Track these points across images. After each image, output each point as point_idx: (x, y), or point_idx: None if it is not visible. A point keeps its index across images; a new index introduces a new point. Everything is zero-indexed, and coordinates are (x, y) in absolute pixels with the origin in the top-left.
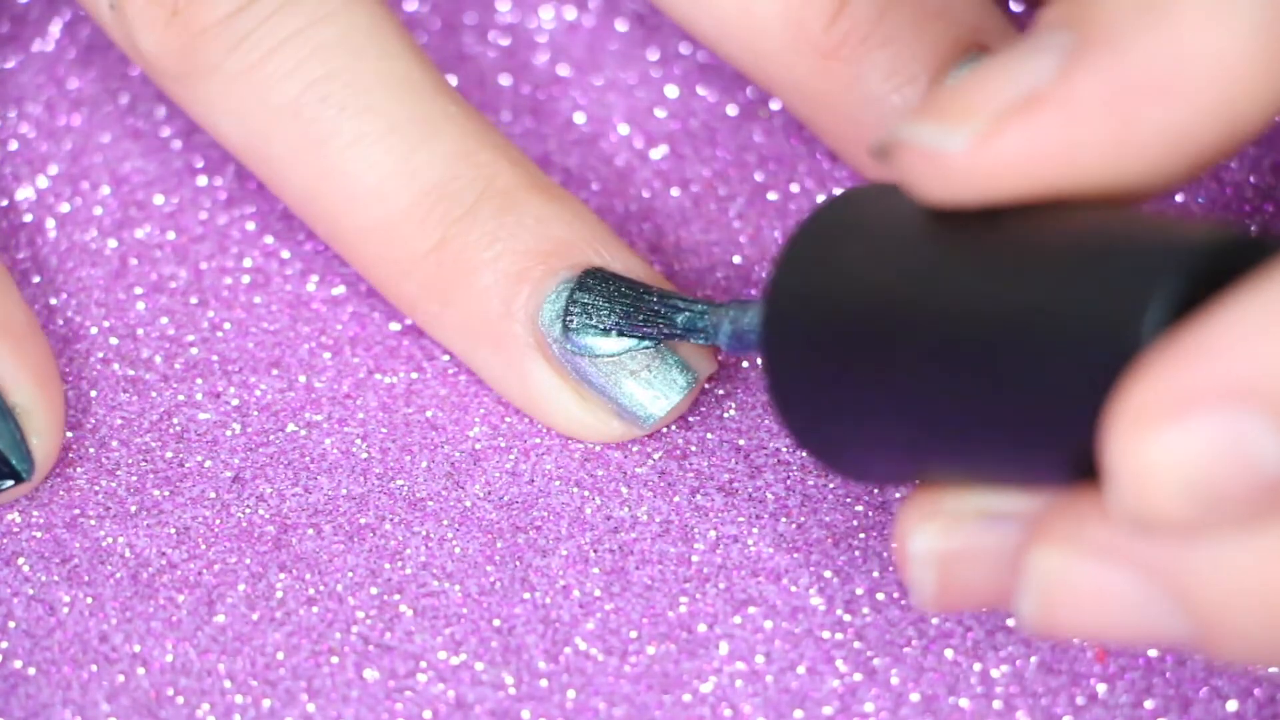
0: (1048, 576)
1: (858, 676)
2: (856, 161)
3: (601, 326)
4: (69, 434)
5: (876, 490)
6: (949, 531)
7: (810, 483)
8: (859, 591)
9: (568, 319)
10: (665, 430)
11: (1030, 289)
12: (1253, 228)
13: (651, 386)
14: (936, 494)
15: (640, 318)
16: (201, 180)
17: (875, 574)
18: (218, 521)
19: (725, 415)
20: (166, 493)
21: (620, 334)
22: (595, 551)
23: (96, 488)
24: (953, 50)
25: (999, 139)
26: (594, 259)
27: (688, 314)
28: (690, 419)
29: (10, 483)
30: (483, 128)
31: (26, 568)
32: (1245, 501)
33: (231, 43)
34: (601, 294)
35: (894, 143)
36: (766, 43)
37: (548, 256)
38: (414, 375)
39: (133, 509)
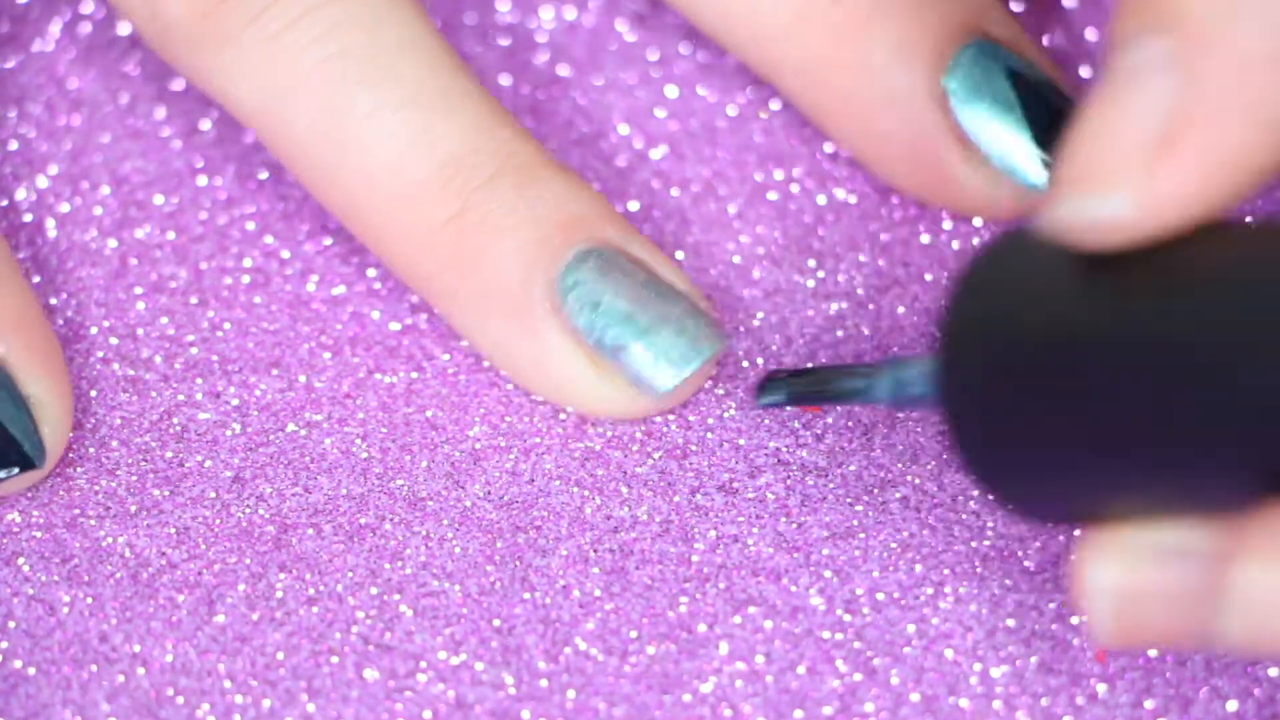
0: (1254, 591)
1: (858, 676)
2: (858, 145)
3: (779, 399)
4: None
5: (876, 490)
6: (1130, 567)
7: (810, 483)
8: (859, 591)
9: (761, 399)
10: (665, 430)
11: (1213, 310)
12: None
13: (667, 357)
14: (1116, 531)
15: (807, 387)
16: (201, 180)
17: (875, 574)
18: (218, 521)
19: (725, 415)
20: (166, 493)
21: (791, 403)
22: (595, 551)
23: (96, 488)
24: (956, 30)
25: (1160, 183)
26: (611, 236)
27: (849, 377)
28: (690, 419)
29: (18, 470)
30: (498, 106)
31: (26, 568)
32: None
33: (251, 14)
34: (775, 382)
35: (1058, 225)
36: (772, 22)
37: (567, 228)
38: (414, 375)
39: (133, 509)
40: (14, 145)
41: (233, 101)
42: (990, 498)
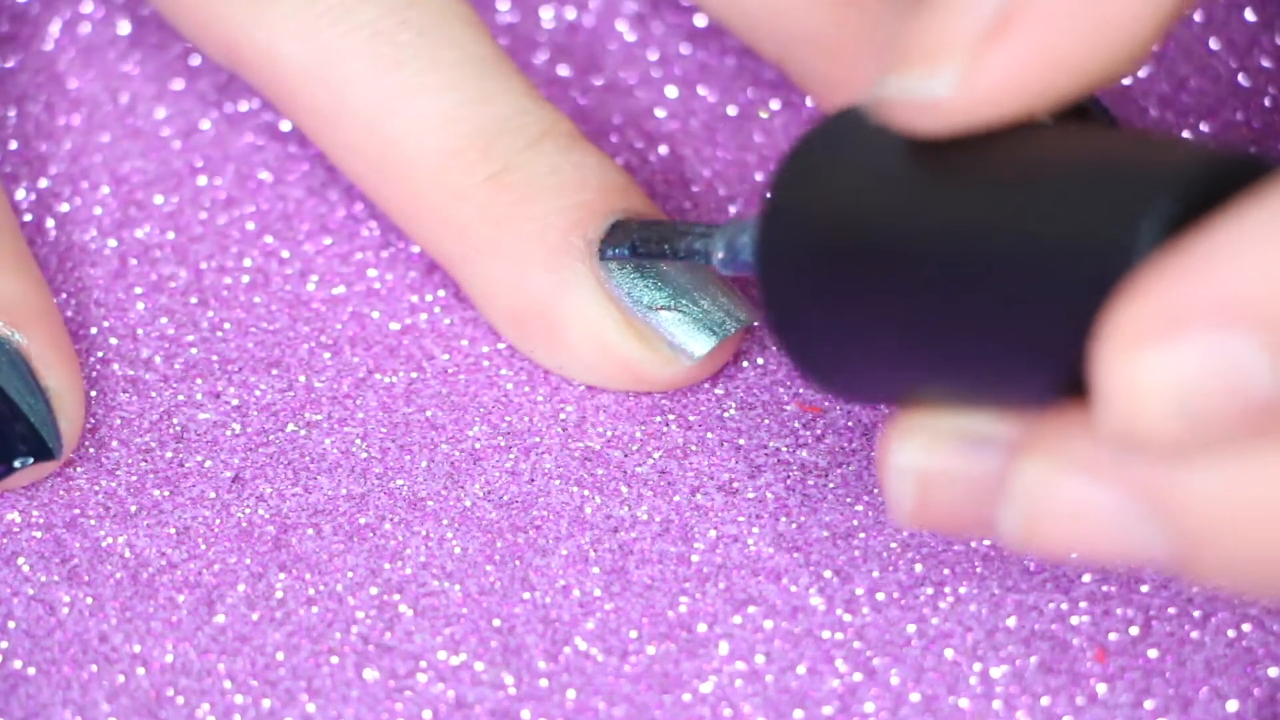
0: (1033, 489)
1: (858, 676)
2: None
3: (623, 252)
4: None
5: (876, 490)
6: (931, 450)
7: (810, 483)
8: (859, 591)
9: (605, 250)
10: (665, 430)
11: (1023, 208)
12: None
13: (702, 323)
14: (923, 414)
15: (653, 243)
16: (201, 180)
17: (875, 574)
18: (218, 521)
19: (725, 415)
20: (166, 493)
21: (634, 254)
22: (595, 551)
23: (96, 488)
24: None
25: (983, 70)
26: (647, 210)
27: (689, 236)
28: (690, 419)
29: (33, 459)
30: (535, 87)
31: (26, 568)
32: (1234, 422)
33: None
34: (624, 229)
35: (880, 100)
36: None
37: (609, 192)
38: (414, 375)
39: (133, 509)
40: (14, 145)
41: (277, 59)
42: (800, 373)
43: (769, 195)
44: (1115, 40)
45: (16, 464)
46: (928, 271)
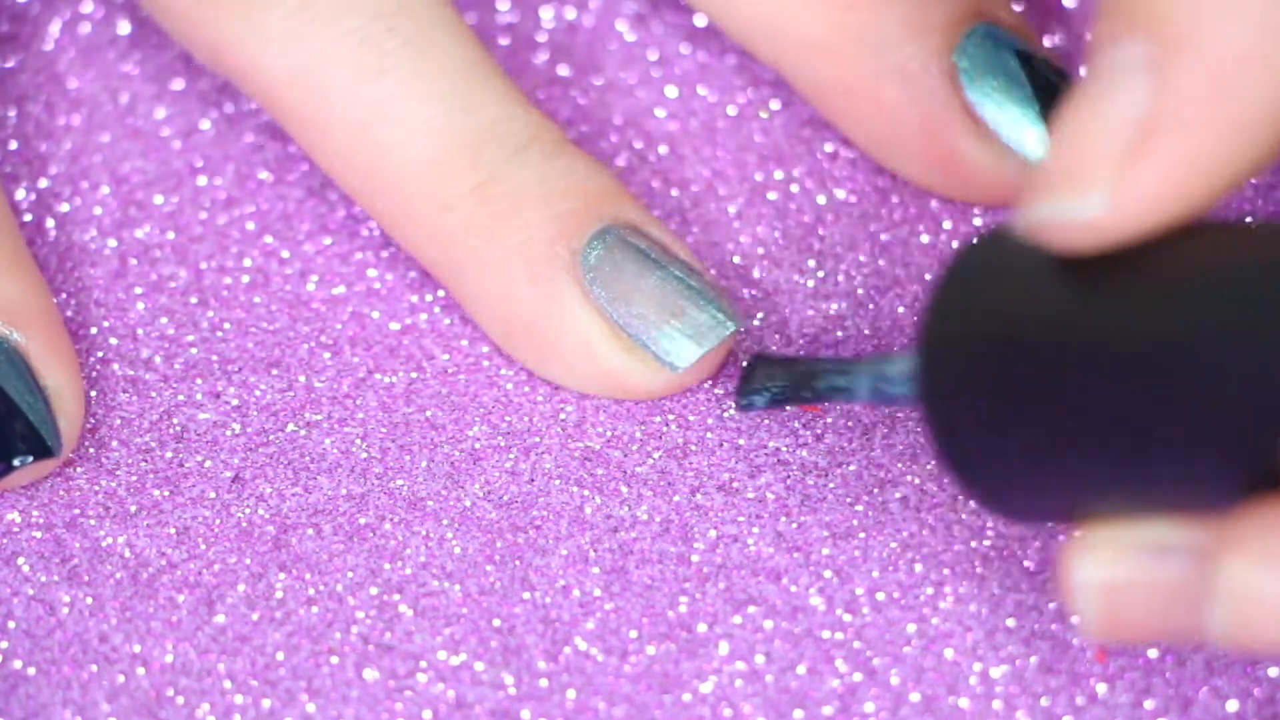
0: (1240, 588)
1: (858, 676)
2: (865, 124)
3: (762, 401)
4: None
5: (876, 490)
6: (1116, 562)
7: (810, 483)
8: (859, 591)
9: (743, 400)
10: (665, 430)
11: (1196, 305)
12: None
13: (686, 330)
14: (1103, 528)
15: (791, 386)
16: (201, 180)
17: (875, 574)
18: (218, 521)
19: (725, 415)
20: (166, 493)
21: (774, 404)
22: (595, 551)
23: (96, 488)
24: (965, 11)
25: (1132, 187)
26: (635, 215)
27: (829, 374)
28: (690, 418)
29: (33, 458)
30: (522, 92)
31: (26, 568)
32: None
33: None
34: (755, 371)
35: (1034, 225)
36: (782, 1)
37: (593, 201)
38: (414, 375)
39: (133, 509)
40: (14, 145)
41: (262, 68)
42: (971, 498)
43: (926, 320)
44: (1254, 138)
45: (16, 462)
46: (1104, 378)
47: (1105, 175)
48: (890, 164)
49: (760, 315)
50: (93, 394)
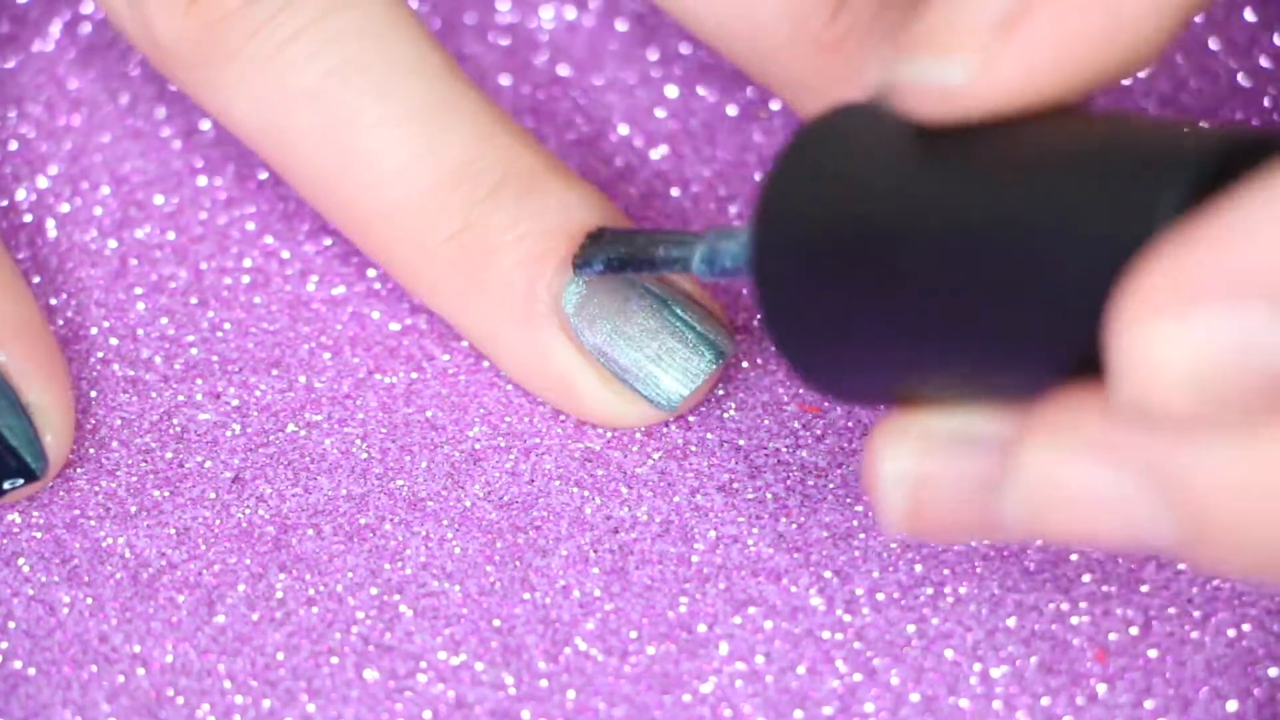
0: (1038, 473)
1: (858, 676)
2: None
3: (597, 267)
4: None
5: None
6: (923, 454)
7: (810, 483)
8: (859, 591)
9: (578, 263)
10: (665, 430)
11: (1036, 191)
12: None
13: (673, 370)
14: (911, 416)
15: (628, 254)
16: (201, 180)
17: (875, 574)
18: (218, 522)
19: (725, 415)
20: (166, 493)
21: (609, 269)
22: (595, 551)
23: (96, 488)
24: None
25: (999, 58)
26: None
27: (664, 244)
28: (690, 419)
29: (22, 480)
30: (498, 114)
31: (26, 568)
32: (1249, 397)
33: (251, 29)
34: (598, 241)
35: (893, 84)
36: (767, 40)
37: (571, 238)
38: (414, 375)
39: (133, 509)
40: (14, 145)
41: (233, 119)
42: (796, 375)
43: (763, 193)
44: (1128, 35)
45: (6, 485)
46: (936, 258)
47: (974, 43)
48: None
49: (760, 315)
50: (93, 394)
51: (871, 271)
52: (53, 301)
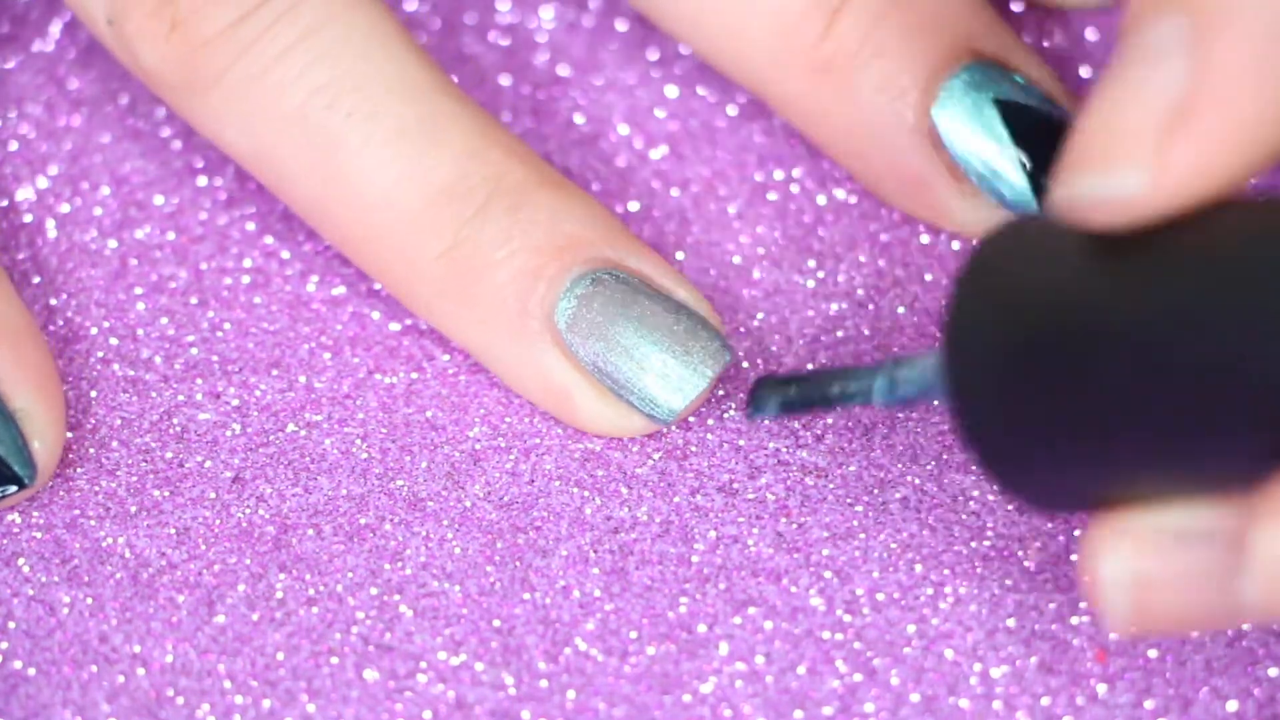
0: (1272, 557)
1: (858, 676)
2: (855, 169)
3: (772, 412)
4: (69, 434)
5: (876, 490)
6: (1142, 553)
7: (810, 483)
8: (859, 591)
9: (751, 413)
10: (665, 430)
11: (1230, 277)
12: None
13: (668, 384)
14: (1124, 517)
15: (803, 395)
16: (201, 180)
17: (875, 574)
18: (218, 522)
19: (725, 415)
20: (166, 493)
21: (785, 412)
22: (595, 552)
23: (96, 488)
24: (945, 59)
25: (1171, 162)
26: (608, 254)
27: (842, 381)
28: (690, 419)
29: (13, 488)
30: (489, 126)
31: (26, 568)
32: None
33: (234, 54)
34: (768, 387)
35: (1068, 202)
36: (758, 58)
37: (561, 252)
38: (414, 375)
39: (133, 509)
40: (14, 145)
41: (224, 142)
42: (998, 488)
43: (951, 313)
44: None
45: None
46: (1129, 362)
47: (1145, 152)
48: (882, 200)
49: (760, 315)
50: (93, 394)
51: (1070, 377)
52: (53, 301)
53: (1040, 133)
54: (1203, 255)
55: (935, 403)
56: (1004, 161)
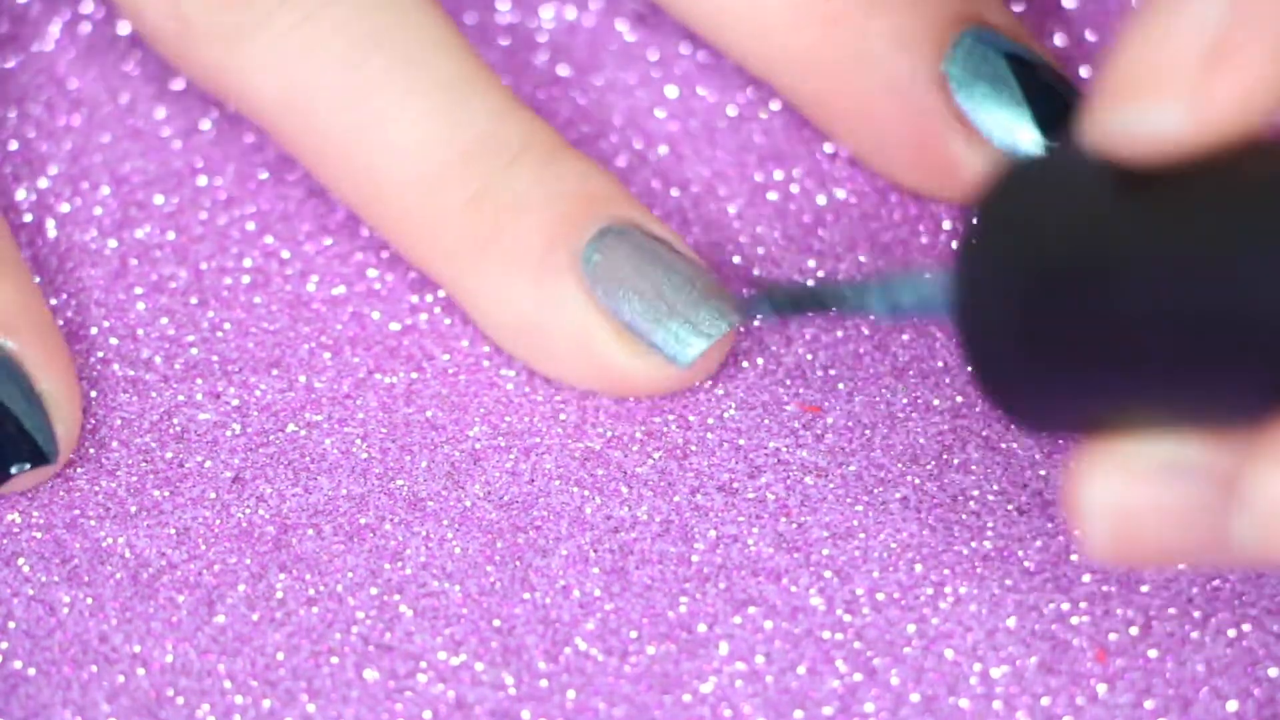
0: (1271, 501)
1: (858, 676)
2: (857, 136)
3: (766, 309)
4: None
5: (876, 490)
6: (1130, 483)
7: (810, 483)
8: (859, 591)
9: (751, 309)
10: (665, 430)
11: (1256, 215)
12: None
13: (691, 328)
14: (1115, 445)
15: (799, 299)
16: (201, 180)
17: (875, 574)
18: (218, 522)
19: (725, 415)
20: (166, 493)
21: (778, 312)
22: (595, 551)
23: (96, 488)
24: (954, 18)
25: (1210, 97)
26: (634, 214)
27: (838, 288)
28: (690, 419)
29: (30, 465)
30: (514, 95)
31: (26, 568)
32: None
33: (275, 2)
34: (763, 294)
35: (1103, 135)
36: (770, 16)
37: (589, 203)
38: (414, 375)
39: (133, 509)
40: (14, 145)
41: (252, 92)
42: (992, 403)
43: (967, 230)
44: None
45: (14, 470)
46: (1153, 287)
47: (1185, 85)
48: (884, 170)
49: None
50: (93, 394)
51: (1084, 301)
52: (53, 301)
53: (1047, 93)
54: (1225, 193)
55: (936, 317)
56: (1015, 111)
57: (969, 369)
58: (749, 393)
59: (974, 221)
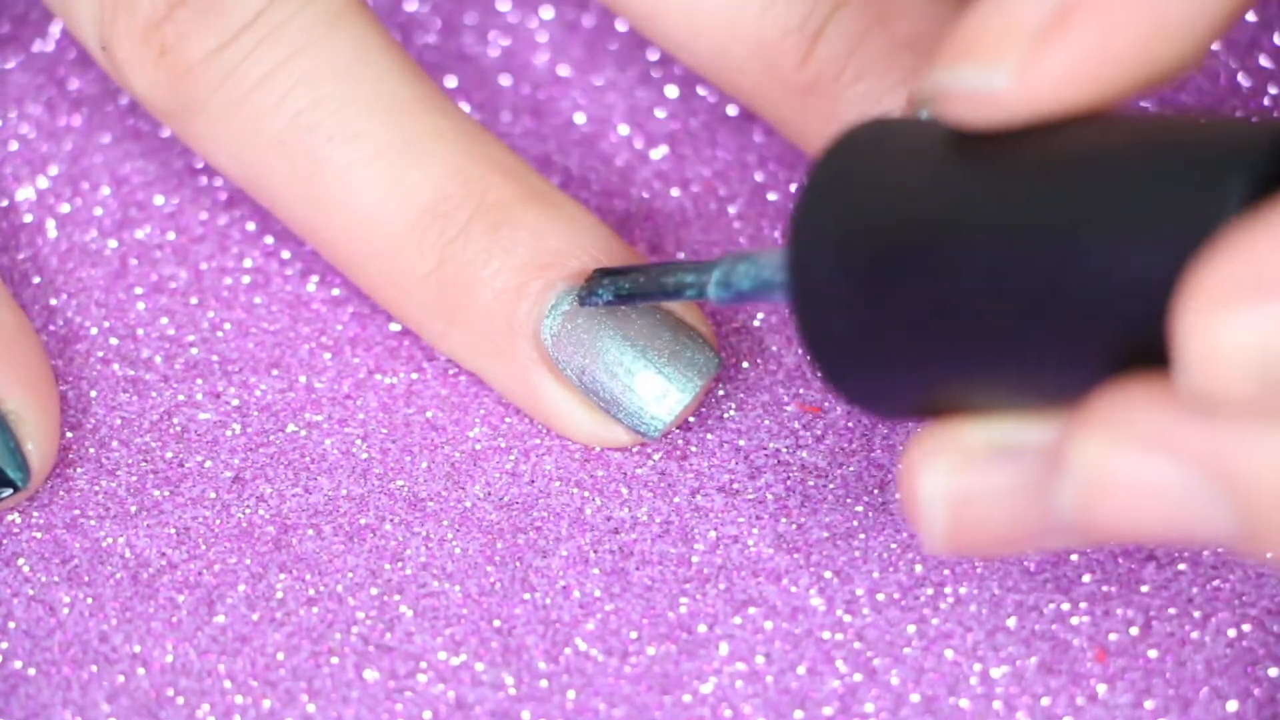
0: (1092, 467)
1: (858, 676)
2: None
3: (605, 298)
4: (68, 434)
5: (876, 490)
6: (961, 469)
7: (810, 483)
8: (859, 591)
9: (583, 297)
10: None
11: (1089, 188)
12: None
13: (653, 400)
14: (945, 430)
15: (637, 284)
16: (201, 180)
17: (875, 574)
18: (218, 522)
19: (725, 415)
20: (166, 493)
21: (618, 300)
22: (595, 552)
23: (96, 488)
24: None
25: (1041, 64)
26: (593, 259)
27: (677, 273)
28: (690, 419)
29: (8, 491)
30: (474, 140)
31: (26, 568)
32: None
33: (218, 79)
34: (604, 276)
35: (934, 93)
36: (744, 81)
37: (545, 269)
38: (414, 375)
39: (133, 509)
40: (14, 145)
41: (217, 164)
42: (831, 389)
43: (798, 205)
44: (1172, 40)
45: None
46: (984, 259)
47: (1016, 49)
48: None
49: (760, 315)
50: (93, 394)
51: (914, 277)
52: (53, 301)
53: None
54: (1066, 162)
55: (773, 299)
56: None
57: (803, 348)
58: (749, 393)
59: (802, 192)
